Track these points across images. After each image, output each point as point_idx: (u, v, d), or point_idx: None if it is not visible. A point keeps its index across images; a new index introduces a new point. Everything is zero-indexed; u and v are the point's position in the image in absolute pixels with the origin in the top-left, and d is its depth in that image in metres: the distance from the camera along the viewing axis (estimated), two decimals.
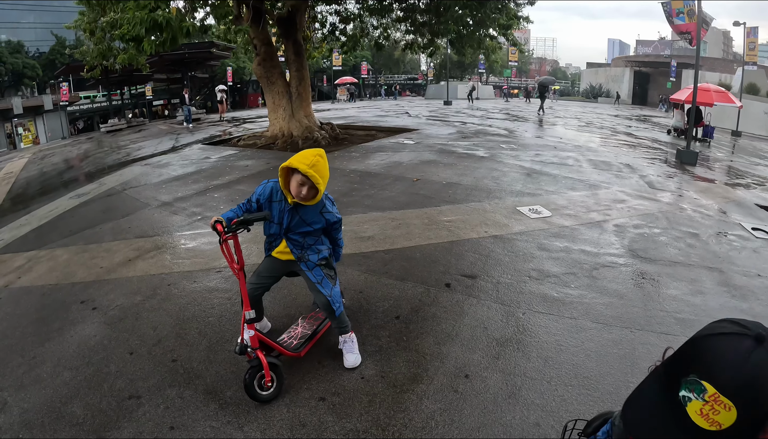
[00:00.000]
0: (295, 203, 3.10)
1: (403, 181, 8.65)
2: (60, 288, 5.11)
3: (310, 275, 3.21)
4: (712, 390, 1.04)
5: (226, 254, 2.93)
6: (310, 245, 3.22)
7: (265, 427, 2.85)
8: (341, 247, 3.54)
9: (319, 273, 3.22)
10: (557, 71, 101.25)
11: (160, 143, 16.45)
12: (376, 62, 63.58)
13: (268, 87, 14.36)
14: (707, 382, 1.05)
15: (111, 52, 16.38)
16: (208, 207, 7.55)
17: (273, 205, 3.17)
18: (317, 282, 3.20)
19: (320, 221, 3.18)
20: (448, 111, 26.31)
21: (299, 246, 3.20)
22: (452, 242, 5.72)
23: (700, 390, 1.06)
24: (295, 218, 3.13)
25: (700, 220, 6.96)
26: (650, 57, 57.31)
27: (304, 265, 3.21)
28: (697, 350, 1.11)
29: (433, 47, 17.86)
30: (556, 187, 8.42)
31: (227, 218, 3.08)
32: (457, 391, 3.14)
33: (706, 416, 1.05)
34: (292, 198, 3.08)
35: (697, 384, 1.06)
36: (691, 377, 1.08)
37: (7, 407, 3.19)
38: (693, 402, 1.07)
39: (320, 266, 3.23)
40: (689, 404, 1.07)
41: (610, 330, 3.86)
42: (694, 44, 12.71)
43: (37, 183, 13.04)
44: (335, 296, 3.22)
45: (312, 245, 3.22)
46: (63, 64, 38.78)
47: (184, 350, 3.69)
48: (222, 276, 5.00)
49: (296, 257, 3.21)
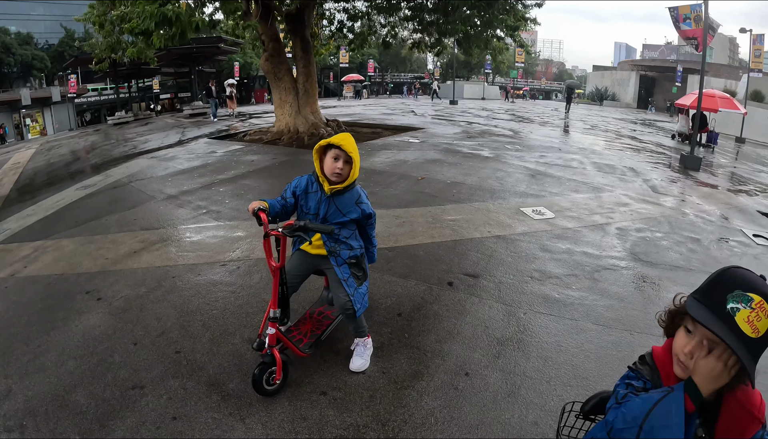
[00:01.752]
0: (331, 193, 3.11)
1: (408, 180, 8.67)
2: (65, 278, 5.16)
3: (338, 271, 3.17)
4: (758, 298, 1.29)
5: (266, 249, 2.93)
6: (345, 240, 3.19)
7: (267, 420, 2.89)
8: (375, 246, 3.48)
9: (347, 271, 3.19)
10: (563, 73, 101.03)
11: (166, 137, 16.51)
12: (383, 60, 63.57)
13: (275, 83, 14.40)
14: (753, 293, 1.30)
15: (120, 46, 16.50)
16: (213, 201, 7.59)
17: (309, 196, 3.17)
18: (343, 279, 3.17)
19: (356, 210, 3.17)
20: (453, 110, 26.29)
21: (333, 238, 3.17)
22: (455, 241, 5.74)
23: (747, 300, 1.29)
24: (331, 208, 3.13)
25: (702, 225, 6.97)
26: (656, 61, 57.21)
27: (334, 259, 3.18)
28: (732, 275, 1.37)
29: (440, 47, 17.86)
30: (559, 188, 8.43)
31: (272, 207, 3.04)
32: (457, 389, 3.17)
33: (751, 323, 1.28)
34: (328, 186, 3.09)
35: (744, 295, 1.30)
36: (737, 292, 1.31)
37: (12, 395, 3.23)
38: (741, 311, 1.29)
39: (349, 264, 3.21)
40: (738, 314, 1.29)
41: (610, 332, 3.88)
42: (700, 50, 12.70)
43: (44, 174, 13.11)
44: (357, 296, 3.18)
45: (346, 240, 3.20)
46: (72, 56, 38.97)
47: (188, 342, 3.73)
48: (226, 269, 5.04)
49: (328, 250, 3.18)
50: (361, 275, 3.26)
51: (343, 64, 43.42)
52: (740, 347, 1.28)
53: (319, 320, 3.65)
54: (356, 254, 3.25)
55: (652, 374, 1.54)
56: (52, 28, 50.24)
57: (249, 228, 6.05)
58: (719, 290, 1.36)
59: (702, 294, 1.41)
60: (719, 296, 1.34)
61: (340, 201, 3.13)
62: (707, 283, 1.42)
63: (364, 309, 3.25)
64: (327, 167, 3.06)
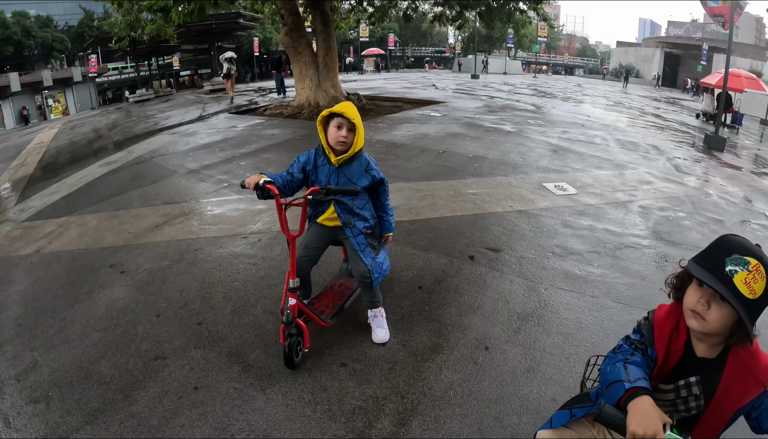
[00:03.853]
0: (339, 164, 3.09)
1: (429, 153, 8.60)
2: (89, 253, 5.24)
3: (354, 242, 3.16)
4: (754, 262, 1.39)
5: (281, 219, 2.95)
6: (358, 211, 3.17)
7: (287, 390, 2.91)
8: (391, 215, 3.41)
9: (363, 241, 3.17)
10: (586, 49, 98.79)
11: (187, 112, 16.55)
12: (404, 34, 62.85)
13: (295, 57, 14.31)
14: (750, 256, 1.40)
15: (139, 23, 16.49)
16: (234, 175, 7.62)
17: (320, 169, 3.15)
18: (359, 250, 3.16)
19: (366, 178, 3.14)
20: (475, 85, 25.97)
21: (347, 210, 3.14)
22: (477, 214, 5.69)
23: (745, 263, 1.40)
24: (341, 178, 3.10)
25: (725, 207, 6.81)
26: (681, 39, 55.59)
27: (349, 231, 3.17)
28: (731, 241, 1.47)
29: (461, 20, 17.59)
30: (582, 165, 8.29)
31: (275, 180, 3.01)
32: (477, 362, 3.16)
33: (748, 285, 1.38)
34: (335, 157, 3.08)
35: (741, 259, 1.41)
36: (734, 256, 1.42)
37: (38, 367, 3.31)
38: (739, 273, 1.40)
39: (365, 234, 3.19)
40: (736, 276, 1.40)
41: (631, 311, 3.82)
42: (727, 28, 12.32)
43: (67, 152, 13.26)
44: (375, 266, 3.17)
45: (360, 211, 3.17)
46: (91, 36, 39.18)
47: (209, 314, 3.77)
48: (248, 242, 5.07)
49: (342, 222, 3.17)
50: (377, 245, 3.26)
51: (363, 38, 43.08)
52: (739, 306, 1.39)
53: (340, 292, 3.66)
54: (370, 225, 3.24)
55: (648, 328, 1.68)
56: (72, 10, 50.31)
57: (270, 201, 6.05)
58: (718, 254, 1.46)
59: (702, 258, 1.51)
60: (718, 259, 1.45)
61: (348, 171, 3.11)
62: (707, 248, 1.53)
63: (382, 278, 3.24)
64: (331, 137, 3.04)
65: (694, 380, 1.57)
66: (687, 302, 1.54)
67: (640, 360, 1.60)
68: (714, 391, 1.53)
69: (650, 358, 1.64)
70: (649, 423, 1.32)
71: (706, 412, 1.57)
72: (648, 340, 1.66)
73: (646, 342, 1.66)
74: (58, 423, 2.76)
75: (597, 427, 1.77)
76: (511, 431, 2.64)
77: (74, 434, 2.68)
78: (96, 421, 2.75)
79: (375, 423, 2.68)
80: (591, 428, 1.78)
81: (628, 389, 1.43)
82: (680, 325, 1.61)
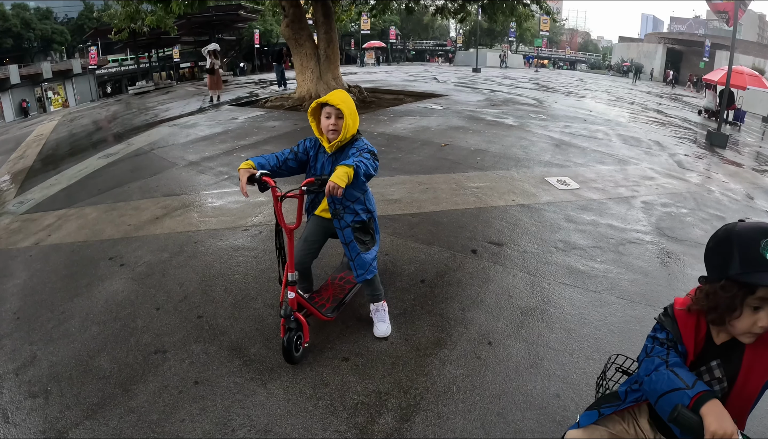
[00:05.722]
0: (333, 151, 3.06)
1: (431, 146, 8.56)
2: (89, 245, 5.21)
3: (340, 234, 3.13)
4: None
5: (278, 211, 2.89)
6: (348, 204, 3.10)
7: (288, 385, 2.88)
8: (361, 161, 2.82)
9: (350, 234, 3.12)
10: (588, 43, 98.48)
11: (187, 104, 16.49)
12: (405, 27, 62.62)
13: (296, 49, 14.21)
14: None
15: (139, 15, 16.41)
16: (234, 167, 7.55)
17: (319, 156, 3.13)
18: (345, 243, 3.14)
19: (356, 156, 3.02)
20: (476, 78, 25.87)
21: (338, 200, 3.06)
22: (479, 208, 5.66)
23: None
24: (334, 166, 3.01)
25: (728, 204, 6.80)
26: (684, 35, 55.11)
27: (336, 222, 3.13)
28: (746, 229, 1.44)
29: (464, 13, 17.48)
30: (584, 159, 8.25)
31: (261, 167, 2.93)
32: (480, 357, 3.13)
33: None
34: (328, 145, 3.04)
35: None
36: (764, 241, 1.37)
37: (37, 361, 3.29)
38: None
39: (352, 228, 3.13)
40: None
41: (634, 307, 3.79)
42: (731, 24, 12.24)
43: (66, 144, 13.19)
44: (359, 262, 3.13)
45: (350, 204, 3.11)
46: (91, 28, 39.01)
47: (210, 307, 3.74)
48: (248, 235, 5.03)
49: (332, 212, 3.11)
50: (367, 241, 3.20)
51: (364, 30, 42.94)
52: None
53: (340, 286, 3.63)
54: (362, 219, 3.16)
55: (672, 325, 1.63)
56: (71, 2, 50.21)
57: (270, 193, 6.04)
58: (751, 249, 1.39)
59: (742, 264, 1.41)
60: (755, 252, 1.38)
61: (341, 158, 3.05)
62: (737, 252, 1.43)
63: (370, 275, 3.19)
64: (323, 127, 3.01)
65: (716, 363, 1.57)
66: (742, 326, 1.47)
67: (680, 360, 1.57)
68: (737, 372, 1.54)
69: (681, 353, 1.62)
70: (728, 424, 1.32)
71: (732, 393, 1.57)
72: (675, 336, 1.63)
73: (674, 338, 1.63)
74: (57, 418, 2.74)
75: (627, 420, 1.80)
76: (514, 427, 2.61)
77: (73, 429, 2.65)
78: (95, 416, 2.73)
79: (377, 419, 2.65)
80: (621, 422, 1.80)
81: (695, 394, 1.40)
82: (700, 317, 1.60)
